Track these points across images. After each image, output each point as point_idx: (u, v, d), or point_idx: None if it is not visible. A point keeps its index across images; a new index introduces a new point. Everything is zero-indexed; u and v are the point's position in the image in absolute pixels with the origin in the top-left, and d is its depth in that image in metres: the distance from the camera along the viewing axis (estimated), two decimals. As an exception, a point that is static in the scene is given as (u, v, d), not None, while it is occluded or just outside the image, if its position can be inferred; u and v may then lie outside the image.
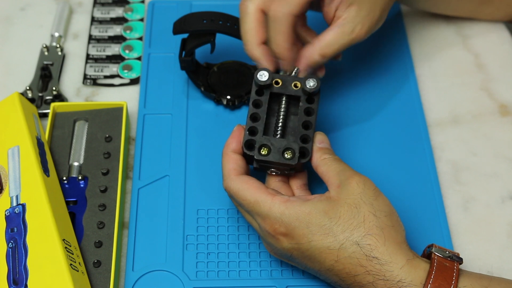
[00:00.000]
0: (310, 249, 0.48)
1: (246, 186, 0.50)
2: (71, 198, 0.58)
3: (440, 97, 0.68)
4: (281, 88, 0.54)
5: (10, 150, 0.57)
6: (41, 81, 0.68)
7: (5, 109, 0.60)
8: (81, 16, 0.75)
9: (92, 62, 0.70)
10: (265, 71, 0.53)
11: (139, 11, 0.75)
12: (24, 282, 0.49)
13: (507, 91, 0.69)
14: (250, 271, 0.55)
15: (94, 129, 0.62)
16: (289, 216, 0.48)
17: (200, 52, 0.66)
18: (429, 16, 0.75)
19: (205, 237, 0.57)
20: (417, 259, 0.47)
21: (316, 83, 0.53)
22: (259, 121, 0.53)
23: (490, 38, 0.73)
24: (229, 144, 0.54)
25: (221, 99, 0.65)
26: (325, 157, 0.52)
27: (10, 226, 0.52)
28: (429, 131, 0.65)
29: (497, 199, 0.61)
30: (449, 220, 0.59)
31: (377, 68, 0.69)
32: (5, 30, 0.74)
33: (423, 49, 0.72)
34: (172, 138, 0.63)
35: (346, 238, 0.47)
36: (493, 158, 0.63)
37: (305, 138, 0.53)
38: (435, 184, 0.60)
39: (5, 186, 0.55)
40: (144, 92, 0.67)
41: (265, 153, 0.52)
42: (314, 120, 0.54)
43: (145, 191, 0.60)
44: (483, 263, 0.56)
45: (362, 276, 0.47)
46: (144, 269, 0.55)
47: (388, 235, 0.47)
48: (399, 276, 0.46)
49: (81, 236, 0.55)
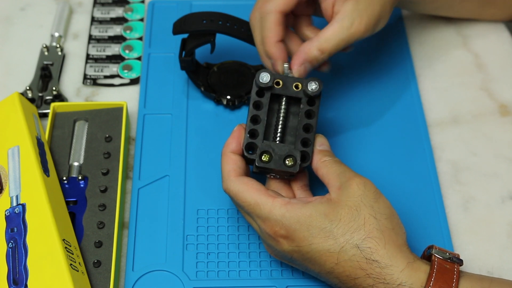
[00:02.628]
0: (311, 251, 0.48)
1: (246, 187, 0.50)
2: (71, 198, 0.57)
3: (440, 97, 0.68)
4: (282, 89, 0.53)
5: (10, 150, 0.57)
6: (41, 81, 0.68)
7: (5, 109, 0.60)
8: (81, 16, 0.75)
9: (92, 62, 0.70)
10: (266, 72, 0.53)
11: (139, 11, 0.75)
12: (24, 282, 0.49)
13: (507, 91, 0.68)
14: (250, 271, 0.55)
15: (94, 129, 0.62)
16: (290, 218, 0.48)
17: (200, 52, 0.66)
18: (429, 17, 0.75)
19: (205, 237, 0.57)
20: (418, 262, 0.47)
21: (318, 86, 0.53)
22: (260, 123, 0.53)
23: (490, 38, 0.73)
24: (228, 144, 0.53)
25: (221, 99, 0.65)
26: (325, 159, 0.52)
27: (10, 226, 0.52)
28: (429, 131, 0.65)
29: (497, 199, 0.60)
30: (449, 220, 0.59)
31: (377, 68, 0.69)
32: (5, 30, 0.74)
33: (423, 49, 0.72)
34: (172, 138, 0.63)
35: (346, 241, 0.47)
36: (493, 158, 0.63)
37: (305, 141, 0.53)
38: (435, 184, 0.60)
39: (5, 186, 0.55)
40: (144, 92, 0.67)
41: (266, 160, 0.52)
42: (315, 123, 0.53)
43: (145, 191, 0.60)
44: (483, 263, 0.56)
45: (363, 279, 0.47)
46: (144, 269, 0.55)
47: (389, 238, 0.47)
48: (399, 279, 0.46)
49: (81, 236, 0.55)
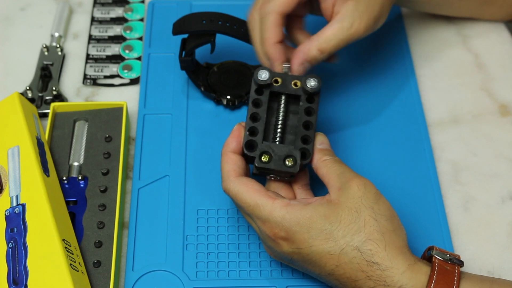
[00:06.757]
0: (311, 253, 0.48)
1: (245, 188, 0.50)
2: (71, 198, 0.57)
3: (440, 97, 0.68)
4: (281, 87, 0.53)
5: (10, 150, 0.57)
6: (41, 81, 0.68)
7: (5, 109, 0.60)
8: (81, 16, 0.75)
9: (92, 62, 0.70)
10: (265, 70, 0.53)
11: (139, 11, 0.75)
12: (24, 282, 0.49)
13: (507, 91, 0.68)
14: (250, 271, 0.55)
15: (94, 129, 0.62)
16: (290, 220, 0.48)
17: (200, 52, 0.66)
18: (429, 17, 0.75)
19: (205, 237, 0.57)
20: (418, 264, 0.47)
21: (317, 83, 0.53)
22: (259, 121, 0.53)
23: (490, 38, 0.73)
24: (228, 143, 0.53)
25: (221, 99, 0.65)
26: (326, 158, 0.52)
27: (10, 226, 0.52)
28: (429, 131, 0.65)
29: (497, 199, 0.60)
30: (449, 220, 0.59)
31: (377, 68, 0.69)
32: (5, 30, 0.74)
33: (423, 49, 0.72)
34: (172, 138, 0.63)
35: (346, 243, 0.47)
36: (493, 158, 0.63)
37: (305, 138, 0.53)
38: (435, 184, 0.60)
39: (5, 186, 0.55)
40: (144, 92, 0.67)
41: (266, 161, 0.52)
42: (314, 120, 0.53)
43: (145, 191, 0.60)
44: (483, 263, 0.56)
45: (363, 281, 0.47)
46: (144, 269, 0.55)
47: (389, 240, 0.47)
48: (400, 282, 0.46)
49: (81, 236, 0.55)
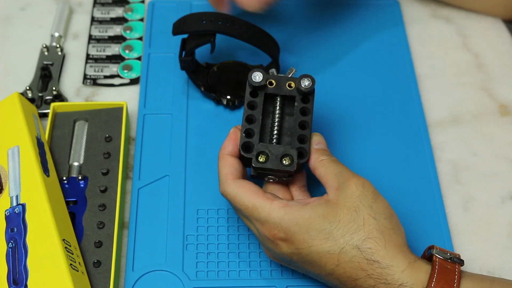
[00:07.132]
0: (310, 254, 0.48)
1: (243, 190, 0.50)
2: (71, 198, 0.57)
3: (440, 97, 0.68)
4: (276, 89, 0.53)
5: (10, 150, 0.57)
6: (41, 81, 0.68)
7: (5, 109, 0.60)
8: (81, 16, 0.75)
9: (92, 62, 0.70)
10: (259, 72, 0.53)
11: (139, 11, 0.75)
12: (24, 282, 0.49)
13: (507, 91, 0.68)
14: (250, 271, 0.55)
15: (94, 129, 0.62)
16: (289, 221, 0.48)
17: (200, 52, 0.66)
18: (429, 16, 0.75)
19: (205, 237, 0.57)
20: (419, 262, 0.47)
21: (311, 82, 0.53)
22: (255, 122, 0.53)
23: (490, 38, 0.73)
24: (225, 146, 0.53)
25: (221, 99, 0.65)
26: (323, 158, 0.52)
27: (10, 226, 0.52)
28: (429, 131, 0.65)
29: (497, 199, 0.60)
30: (449, 220, 0.59)
31: (377, 68, 0.69)
32: (5, 30, 0.74)
33: (423, 49, 0.72)
34: (172, 138, 0.63)
35: (346, 242, 0.47)
36: (493, 158, 0.63)
37: (302, 138, 0.53)
38: (435, 184, 0.60)
39: (5, 186, 0.55)
40: (144, 92, 0.67)
41: (263, 160, 0.52)
42: (310, 119, 0.53)
43: (145, 191, 0.60)
44: (483, 263, 0.56)
45: (364, 279, 0.47)
46: (144, 269, 0.55)
47: (389, 238, 0.47)
48: (400, 280, 0.46)
49: (81, 236, 0.55)
